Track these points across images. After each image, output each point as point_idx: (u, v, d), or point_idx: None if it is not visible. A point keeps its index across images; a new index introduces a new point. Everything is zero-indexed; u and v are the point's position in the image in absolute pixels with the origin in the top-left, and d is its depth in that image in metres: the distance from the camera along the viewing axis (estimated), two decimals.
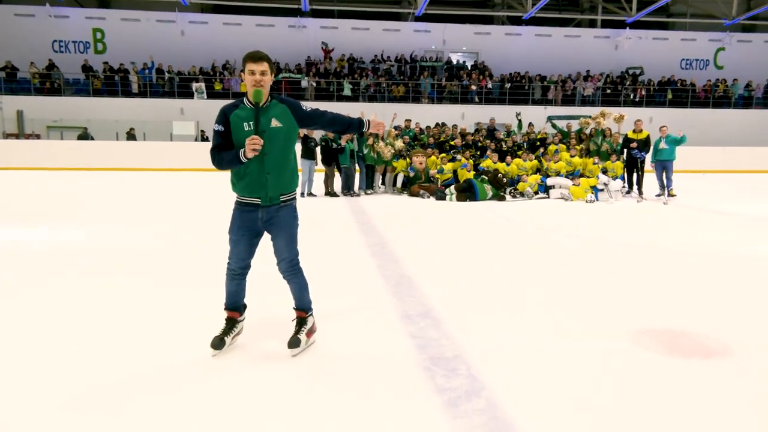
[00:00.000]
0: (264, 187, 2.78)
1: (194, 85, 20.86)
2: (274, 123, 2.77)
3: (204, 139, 19.79)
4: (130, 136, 19.11)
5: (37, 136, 19.64)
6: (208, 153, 2.85)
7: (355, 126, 3.00)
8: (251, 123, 2.73)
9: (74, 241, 6.11)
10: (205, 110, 20.27)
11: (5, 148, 17.46)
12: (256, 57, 2.72)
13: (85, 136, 18.76)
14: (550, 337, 3.25)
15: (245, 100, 2.80)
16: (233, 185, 2.85)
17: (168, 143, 18.78)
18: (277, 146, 2.77)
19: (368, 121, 3.06)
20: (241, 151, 2.69)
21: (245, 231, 2.85)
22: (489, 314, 3.67)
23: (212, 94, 20.95)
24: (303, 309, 3.04)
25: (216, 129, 2.79)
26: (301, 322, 3.03)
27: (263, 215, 2.82)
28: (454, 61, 24.54)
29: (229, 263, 2.95)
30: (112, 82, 21.06)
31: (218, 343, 2.92)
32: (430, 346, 3.06)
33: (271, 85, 2.82)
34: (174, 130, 20.04)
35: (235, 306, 3.02)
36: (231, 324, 3.01)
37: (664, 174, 10.90)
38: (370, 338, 3.22)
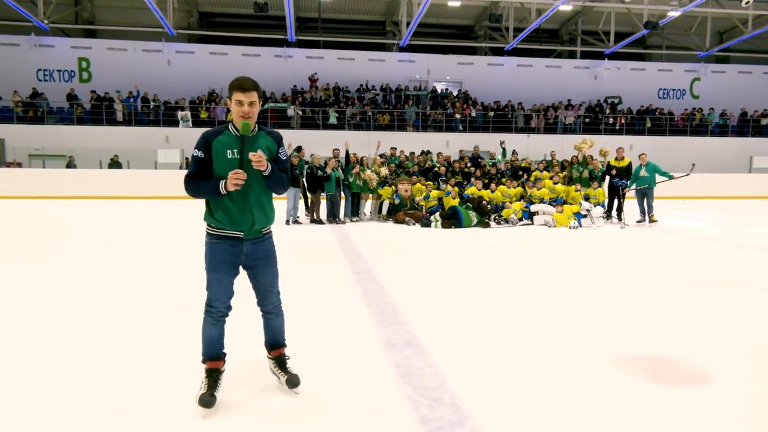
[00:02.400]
0: (248, 220, 2.62)
1: (179, 114, 20.90)
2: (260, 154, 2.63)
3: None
4: (114, 163, 18.98)
5: (19, 165, 19.42)
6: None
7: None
8: (235, 151, 2.57)
9: (41, 278, 5.99)
10: (190, 138, 20.26)
11: None
12: (244, 87, 2.55)
13: (71, 164, 18.64)
14: (534, 364, 3.23)
15: (230, 127, 2.65)
16: (209, 216, 2.64)
17: (153, 171, 18.70)
18: (262, 179, 2.62)
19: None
20: (222, 183, 2.52)
21: (229, 266, 2.63)
22: (473, 341, 3.65)
23: (198, 123, 20.99)
24: (284, 344, 2.92)
25: (195, 155, 2.60)
26: (283, 357, 2.90)
27: (247, 249, 2.64)
28: (439, 90, 24.97)
29: (210, 307, 2.66)
30: (97, 111, 21.01)
31: (209, 400, 2.59)
32: (414, 375, 3.02)
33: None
34: (159, 158, 19.97)
35: (218, 354, 2.73)
36: (215, 376, 2.69)
37: (645, 200, 11.09)
38: (353, 368, 3.17)
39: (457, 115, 22.88)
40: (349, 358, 3.34)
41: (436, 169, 12.97)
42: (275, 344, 2.89)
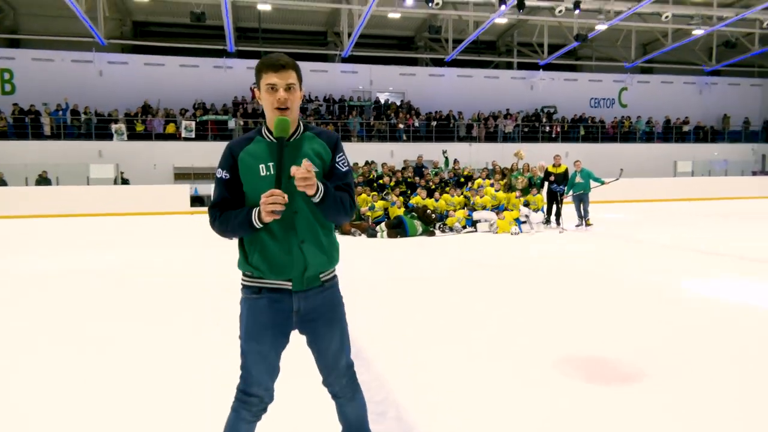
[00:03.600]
0: (297, 263, 1.83)
1: (113, 127, 20.01)
2: (306, 165, 1.78)
3: (124, 181, 18.92)
4: (42, 180, 17.91)
5: None
6: (207, 212, 1.90)
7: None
8: (270, 165, 1.82)
9: None
10: (126, 151, 19.50)
11: None
12: (277, 64, 1.79)
13: (1, 182, 17.48)
14: (479, 373, 3.28)
15: (263, 130, 1.90)
16: (243, 261, 1.88)
17: (85, 187, 17.77)
18: (312, 199, 1.80)
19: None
20: (255, 212, 1.75)
21: (274, 333, 1.86)
22: (420, 351, 3.66)
23: (133, 136, 20.17)
24: None
25: (218, 176, 1.87)
26: None
27: (299, 306, 1.87)
28: (382, 101, 25.21)
29: (247, 394, 1.85)
30: (22, 125, 19.78)
31: None
32: (364, 389, 2.98)
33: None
34: (91, 174, 19.01)
35: None
36: None
37: (581, 205, 11.57)
38: (296, 382, 3.10)
39: (401, 125, 23.16)
40: (292, 371, 3.26)
41: (381, 181, 13.04)
42: None
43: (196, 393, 3.01)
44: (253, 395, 1.85)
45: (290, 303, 1.85)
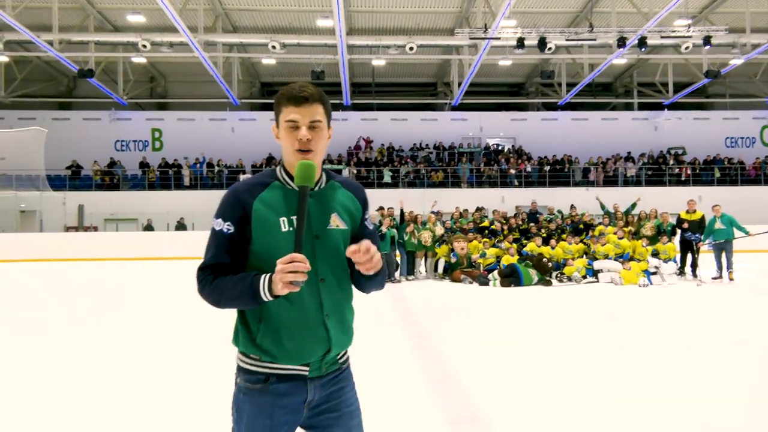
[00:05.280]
0: (320, 343, 1.47)
1: (241, 177, 21.88)
2: (335, 222, 1.52)
3: None
4: (180, 225, 19.92)
5: (95, 229, 20.74)
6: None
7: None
8: (293, 219, 1.44)
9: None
10: None
11: (66, 240, 18.47)
12: (299, 96, 1.45)
13: (149, 227, 19.85)
14: None
15: (280, 172, 1.53)
16: (248, 340, 1.47)
17: None
18: (338, 264, 1.52)
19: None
20: (264, 281, 1.36)
21: None
22: (546, 420, 3.34)
23: None
24: None
25: (217, 229, 1.48)
26: None
27: (313, 396, 1.49)
28: (492, 147, 24.99)
29: None
30: (166, 177, 22.37)
31: None
32: None
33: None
34: None
35: None
36: None
37: (723, 255, 10.32)
38: None
39: (512, 171, 22.68)
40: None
41: (493, 226, 12.72)
42: None
43: None
44: None
45: (303, 393, 1.47)
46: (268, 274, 1.36)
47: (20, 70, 22.08)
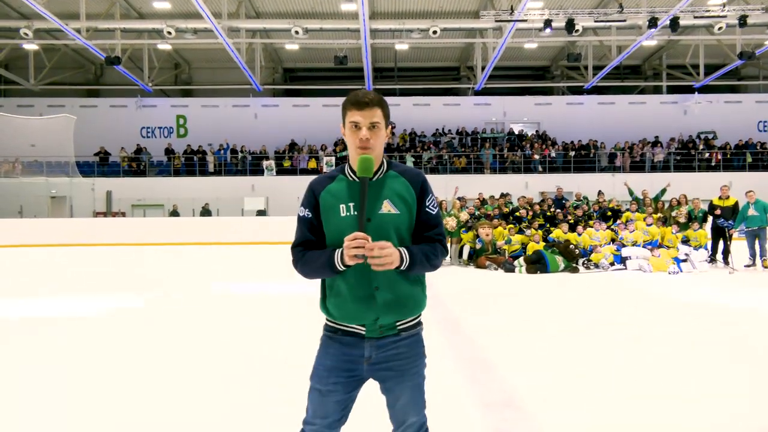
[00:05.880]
0: (371, 308, 1.74)
1: (264, 163, 22.06)
2: (387, 207, 1.75)
3: (260, 212, 20.69)
4: (205, 211, 20.21)
5: (123, 214, 21.17)
6: (289, 251, 1.83)
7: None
8: (351, 205, 1.74)
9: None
10: (274, 186, 21.25)
11: (95, 225, 18.91)
12: (362, 102, 1.75)
13: (175, 213, 20.22)
14: (649, 425, 2.88)
15: (346, 169, 1.83)
16: (322, 303, 1.83)
17: (239, 218, 19.68)
18: (390, 243, 1.69)
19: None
20: (338, 255, 1.67)
21: (341, 376, 1.77)
22: (581, 405, 3.33)
23: (281, 171, 22.06)
24: None
25: (300, 215, 1.81)
26: None
27: (371, 353, 1.77)
28: (516, 132, 24.67)
29: (306, 422, 1.82)
30: (191, 163, 22.66)
31: None
32: None
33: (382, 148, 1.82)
34: (245, 206, 21.06)
35: None
36: None
37: (756, 242, 10.07)
38: (446, 427, 2.98)
39: (536, 156, 22.39)
40: (440, 415, 3.15)
41: (518, 213, 12.61)
42: None
43: None
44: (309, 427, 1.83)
45: (362, 349, 1.77)
46: (340, 249, 1.67)
47: (49, 58, 22.47)
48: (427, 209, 1.80)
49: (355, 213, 1.72)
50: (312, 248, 1.78)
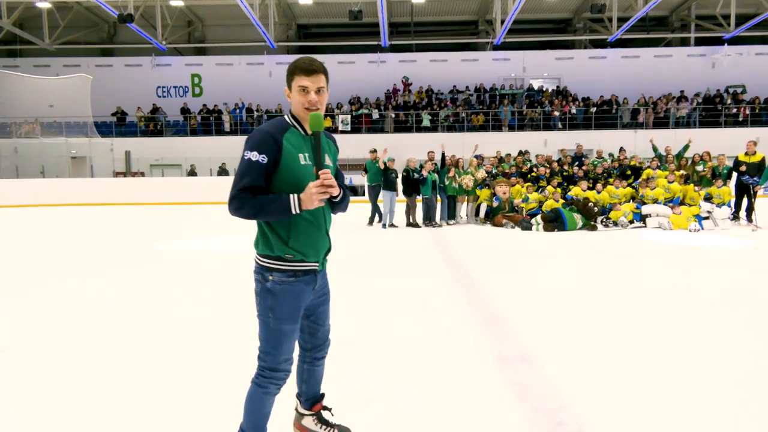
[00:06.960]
0: (325, 245, 2.10)
1: None
2: (327, 160, 2.08)
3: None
4: (222, 171, 20.32)
5: (142, 174, 21.40)
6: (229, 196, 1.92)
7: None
8: (308, 155, 2.01)
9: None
10: None
11: (115, 185, 19.18)
12: (310, 68, 1.97)
13: (192, 172, 20.36)
14: (661, 382, 2.90)
15: (291, 121, 2.05)
16: (282, 245, 1.98)
17: None
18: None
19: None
20: (295, 198, 1.90)
21: (302, 313, 2.09)
22: (595, 358, 3.36)
23: None
24: (322, 396, 2.37)
25: (255, 159, 1.91)
26: (322, 413, 2.36)
27: (318, 284, 2.13)
28: (536, 88, 24.05)
29: (276, 371, 2.02)
30: (207, 122, 22.64)
31: None
32: (532, 395, 2.82)
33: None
34: None
35: None
36: None
37: None
38: (462, 379, 3.03)
39: (556, 113, 21.88)
40: (457, 365, 3.20)
41: (534, 172, 12.42)
42: (318, 397, 2.35)
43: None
44: (281, 370, 2.02)
45: (314, 282, 2.07)
46: (297, 194, 1.91)
47: (62, 17, 22.30)
48: (338, 164, 2.21)
49: (311, 163, 1.99)
50: (258, 194, 1.92)
